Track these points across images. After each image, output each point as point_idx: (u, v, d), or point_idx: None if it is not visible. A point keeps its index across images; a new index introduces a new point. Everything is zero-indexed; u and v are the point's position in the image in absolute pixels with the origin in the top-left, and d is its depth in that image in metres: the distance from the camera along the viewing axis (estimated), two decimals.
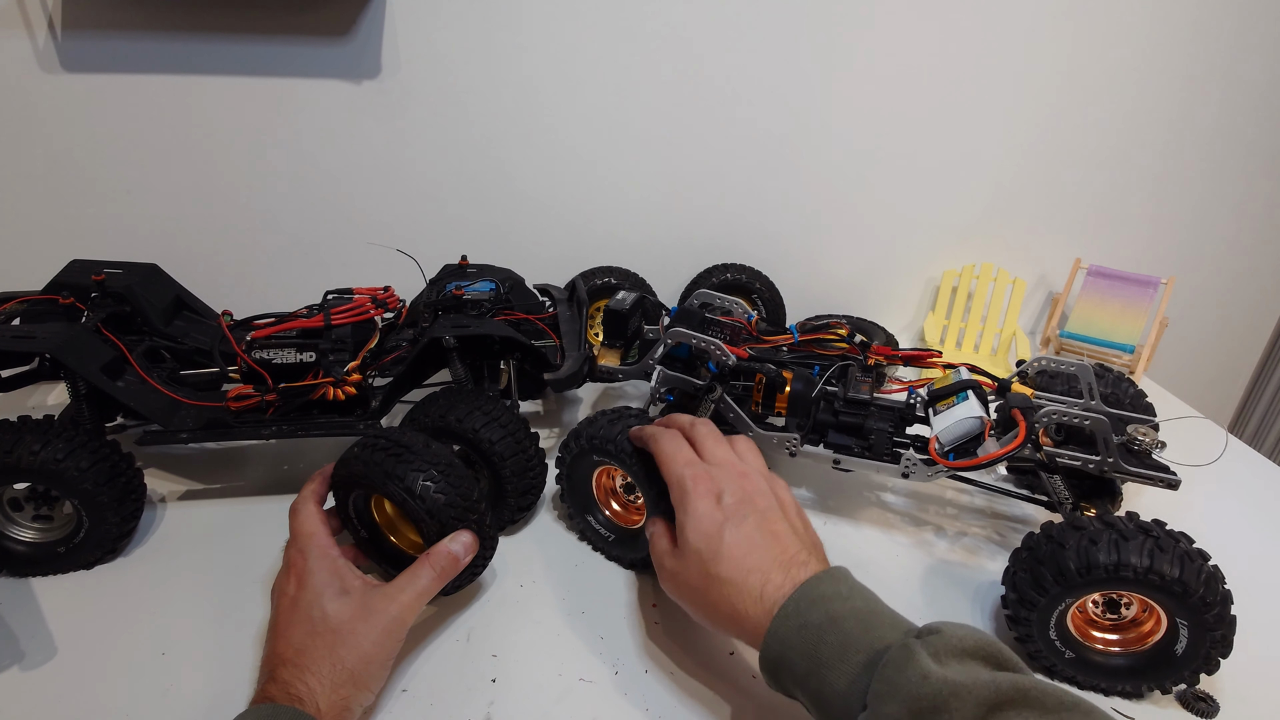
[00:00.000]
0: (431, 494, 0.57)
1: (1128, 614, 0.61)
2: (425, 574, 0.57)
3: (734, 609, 0.51)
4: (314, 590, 0.55)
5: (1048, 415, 0.67)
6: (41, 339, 0.70)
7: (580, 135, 1.07)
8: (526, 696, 0.59)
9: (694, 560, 0.53)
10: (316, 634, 0.53)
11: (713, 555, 0.52)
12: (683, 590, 0.55)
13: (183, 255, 0.97)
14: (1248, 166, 1.20)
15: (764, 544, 0.53)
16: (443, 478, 0.58)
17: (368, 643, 0.53)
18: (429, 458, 0.59)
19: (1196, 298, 1.28)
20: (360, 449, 0.60)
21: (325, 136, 1.01)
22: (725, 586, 0.52)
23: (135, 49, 0.93)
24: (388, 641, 0.54)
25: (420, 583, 0.56)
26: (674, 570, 0.55)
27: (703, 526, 0.54)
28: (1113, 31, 1.07)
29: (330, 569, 0.56)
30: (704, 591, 0.53)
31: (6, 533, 0.68)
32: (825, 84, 1.07)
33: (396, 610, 0.55)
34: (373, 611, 0.54)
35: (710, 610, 0.53)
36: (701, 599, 0.53)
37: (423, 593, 0.56)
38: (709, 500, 0.55)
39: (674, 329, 0.78)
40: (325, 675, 0.51)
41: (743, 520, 0.54)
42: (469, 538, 0.59)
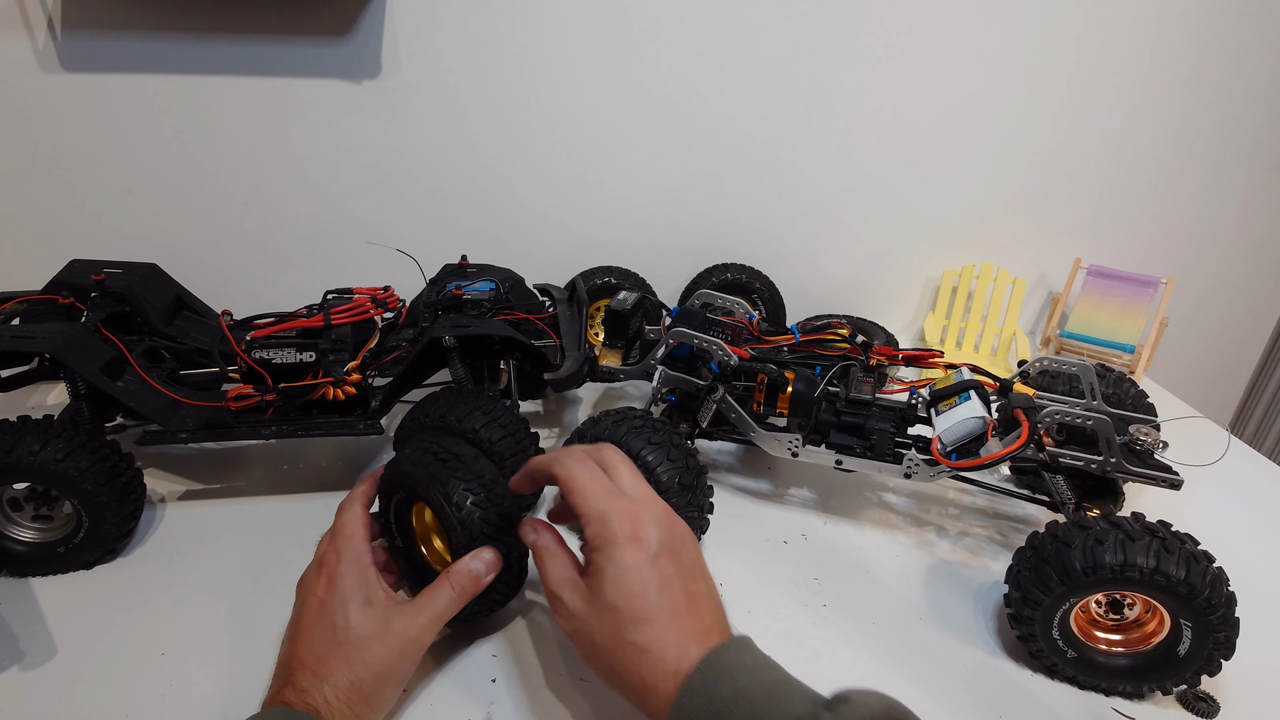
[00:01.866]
0: (468, 504, 0.57)
1: (1131, 614, 0.61)
2: (444, 593, 0.55)
3: (643, 681, 0.45)
4: (341, 596, 0.53)
5: (1050, 415, 0.67)
6: (41, 339, 0.69)
7: (580, 135, 1.06)
8: (526, 696, 0.59)
9: (609, 617, 0.47)
10: (337, 644, 0.51)
11: (633, 619, 0.46)
12: (585, 643, 0.49)
13: (183, 255, 0.97)
14: (1248, 166, 1.20)
15: (687, 610, 0.48)
16: (484, 490, 0.58)
17: (383, 662, 0.51)
18: (476, 470, 0.58)
19: (1196, 298, 1.28)
20: (413, 451, 0.60)
21: (325, 136, 1.01)
22: (640, 656, 0.46)
23: (135, 49, 0.93)
24: (402, 663, 0.53)
25: (439, 603, 0.54)
26: (581, 617, 0.49)
27: (628, 583, 0.47)
28: (1113, 32, 1.07)
29: (360, 576, 0.55)
30: (612, 654, 0.47)
31: (6, 533, 0.67)
32: (825, 84, 1.07)
33: (415, 631, 0.53)
34: (391, 630, 0.52)
35: (613, 675, 0.47)
36: (606, 661, 0.47)
37: (441, 614, 0.54)
38: (637, 549, 0.48)
39: (676, 329, 0.78)
40: (341, 689, 0.50)
41: (670, 581, 0.48)
42: (491, 555, 0.56)
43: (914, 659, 0.64)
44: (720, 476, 0.86)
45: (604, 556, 0.48)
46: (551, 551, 0.53)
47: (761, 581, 0.71)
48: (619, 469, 0.54)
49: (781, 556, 0.75)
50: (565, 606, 0.50)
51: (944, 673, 0.63)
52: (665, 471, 0.66)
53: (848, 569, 0.73)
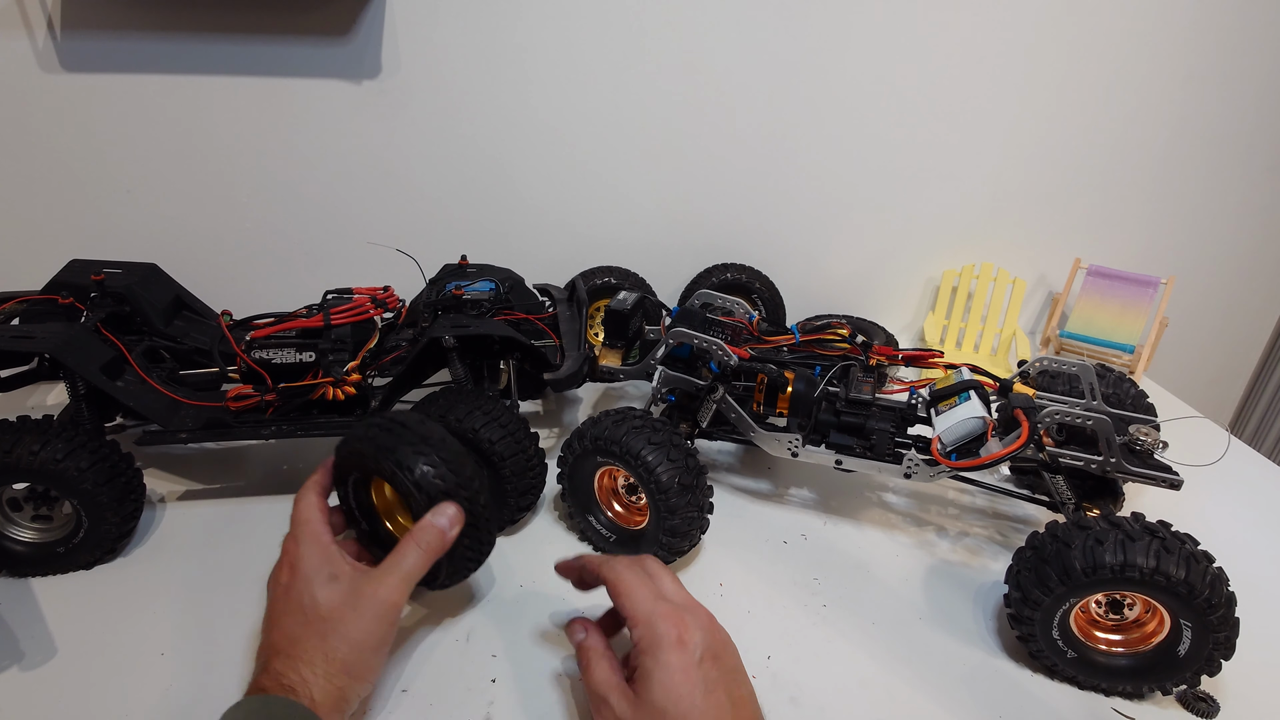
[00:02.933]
0: (420, 466, 0.56)
1: (1131, 615, 0.61)
2: (410, 552, 0.54)
3: None
4: (304, 577, 0.53)
5: (1050, 415, 0.67)
6: (41, 339, 0.69)
7: (580, 135, 1.07)
8: (526, 696, 0.59)
9: (658, 712, 0.47)
10: (308, 623, 0.51)
11: (680, 710, 0.47)
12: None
13: (183, 255, 0.97)
14: (1247, 167, 1.20)
15: (731, 715, 0.48)
16: (433, 451, 0.57)
17: (358, 631, 0.51)
18: (422, 433, 0.58)
19: (1196, 298, 1.28)
20: (358, 428, 0.60)
21: (325, 136, 1.01)
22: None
23: (135, 49, 0.93)
24: (378, 628, 0.52)
25: (406, 562, 0.54)
26: (628, 716, 0.49)
27: (675, 685, 0.48)
28: (1113, 32, 1.07)
29: (321, 555, 0.55)
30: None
31: (6, 533, 0.67)
32: (826, 84, 1.07)
33: (385, 594, 0.53)
34: (360, 597, 0.52)
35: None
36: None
37: (409, 573, 0.54)
38: (683, 653, 0.49)
39: (676, 329, 0.78)
40: (319, 665, 0.50)
41: (715, 686, 0.49)
42: (453, 509, 0.56)
43: (914, 659, 0.64)
44: (720, 476, 0.86)
45: (651, 659, 0.49)
46: (599, 653, 0.53)
47: (761, 581, 0.71)
48: (662, 577, 0.56)
49: (781, 556, 0.75)
50: (612, 710, 0.49)
51: (944, 673, 0.63)
52: (665, 471, 0.66)
53: (848, 569, 0.73)
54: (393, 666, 0.60)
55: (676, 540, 0.68)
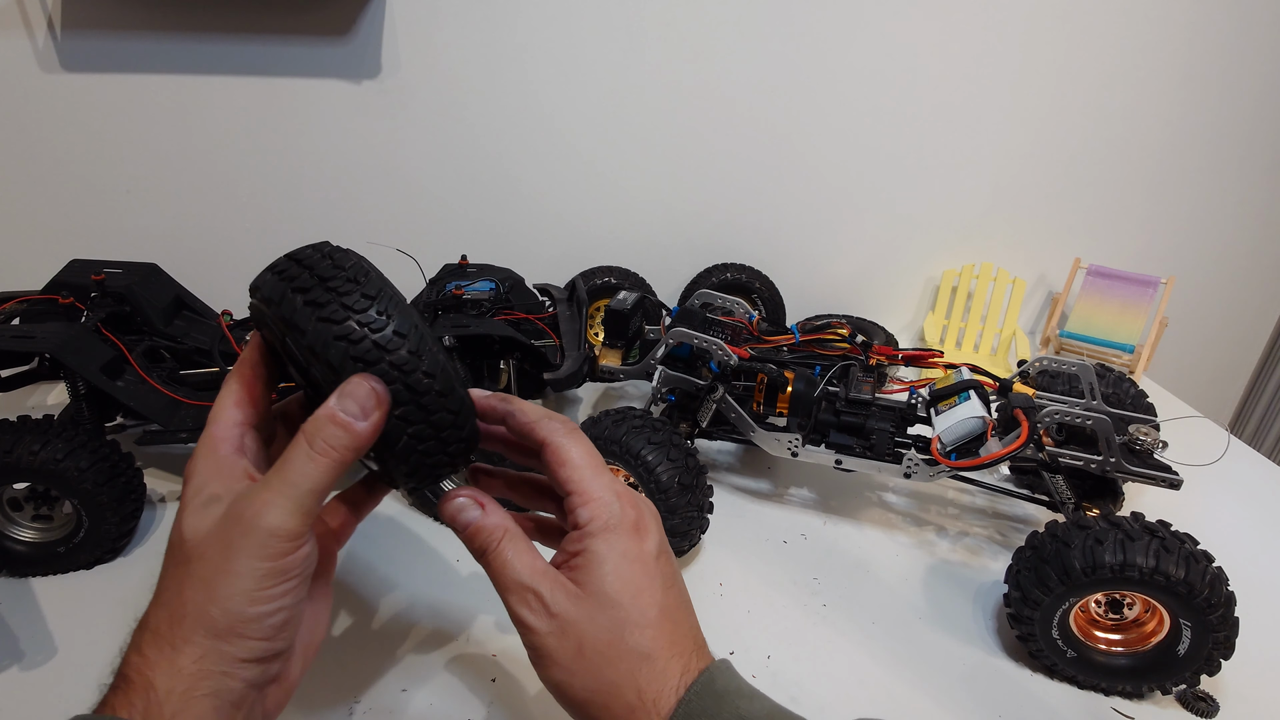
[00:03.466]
0: (315, 320, 0.35)
1: (1130, 614, 0.61)
2: (298, 456, 0.35)
3: (639, 694, 0.37)
4: (183, 501, 0.37)
5: (1050, 415, 0.67)
6: (41, 339, 0.69)
7: (580, 135, 1.07)
8: (526, 696, 0.59)
9: (607, 616, 0.38)
10: (172, 567, 0.36)
11: (639, 620, 0.38)
12: (568, 650, 0.38)
13: (183, 255, 0.97)
14: (1247, 166, 1.20)
15: (685, 620, 0.40)
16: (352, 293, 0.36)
17: (228, 573, 0.34)
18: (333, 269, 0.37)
19: (1196, 298, 1.28)
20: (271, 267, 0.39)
21: (325, 136, 1.01)
22: (642, 665, 0.37)
23: (135, 49, 0.93)
24: (256, 568, 0.34)
25: (293, 470, 0.35)
26: (567, 617, 0.38)
27: (633, 575, 0.38)
28: (1112, 32, 1.07)
29: (210, 470, 0.37)
30: (607, 662, 0.37)
31: (6, 533, 0.67)
32: (826, 84, 1.07)
33: (264, 517, 0.34)
34: (231, 523, 0.35)
35: (598, 690, 0.37)
36: (594, 672, 0.37)
37: (299, 486, 0.35)
38: (641, 541, 0.40)
39: (676, 329, 0.78)
40: (178, 637, 0.34)
41: (672, 583, 0.40)
42: (365, 388, 0.35)
43: (914, 659, 0.64)
44: (720, 476, 0.86)
45: (604, 543, 0.39)
46: (515, 536, 0.40)
47: (761, 581, 0.71)
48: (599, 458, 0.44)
49: (781, 556, 0.75)
50: (543, 603, 0.38)
51: (944, 673, 0.63)
52: (665, 471, 0.66)
53: (848, 569, 0.74)
54: (393, 666, 0.60)
55: (676, 540, 0.68)
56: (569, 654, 0.38)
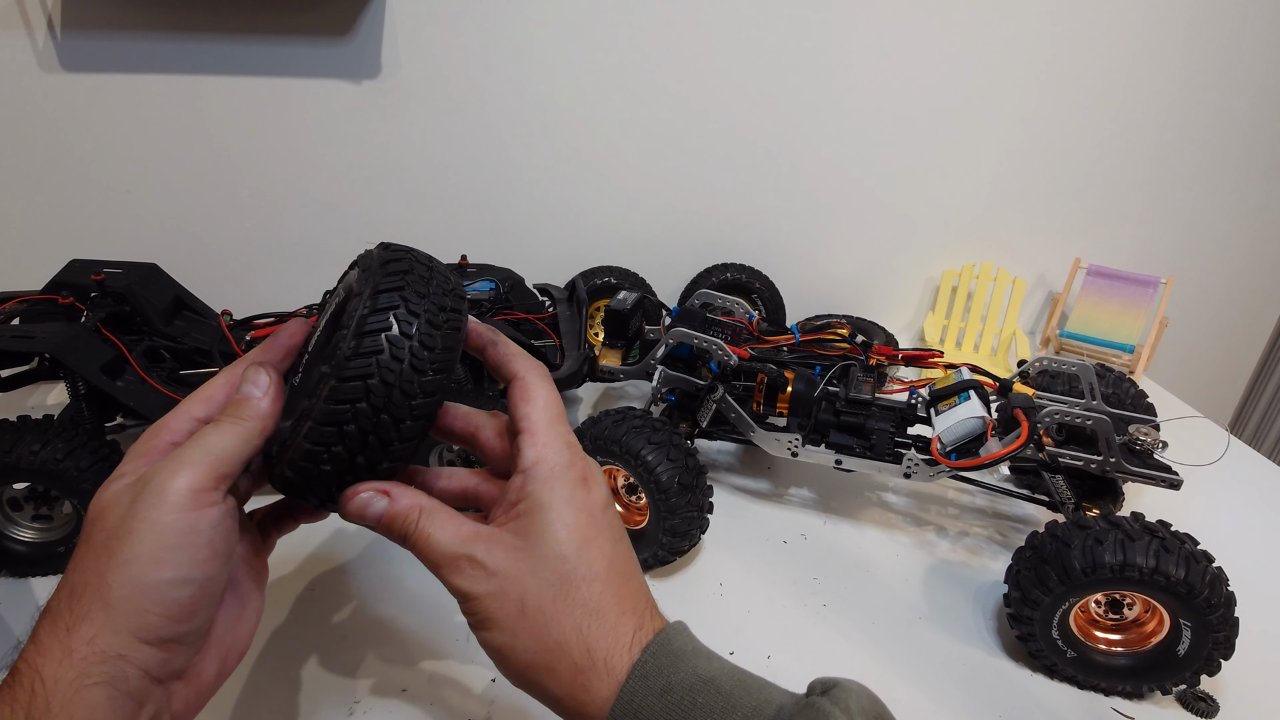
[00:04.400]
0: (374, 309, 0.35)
1: (1130, 614, 0.61)
2: (207, 427, 0.36)
3: (589, 655, 0.35)
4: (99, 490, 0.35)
5: (1050, 415, 0.67)
6: (41, 339, 0.69)
7: (580, 135, 1.07)
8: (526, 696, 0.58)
9: (553, 570, 0.35)
10: (75, 552, 0.34)
11: (587, 573, 0.36)
12: (510, 609, 0.35)
13: (183, 255, 0.97)
14: (1247, 166, 1.20)
15: (636, 573, 0.38)
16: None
17: (128, 533, 0.32)
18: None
19: (1196, 298, 1.28)
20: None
21: (325, 136, 1.01)
22: (592, 621, 0.35)
23: (135, 49, 0.93)
24: (156, 523, 0.32)
25: (201, 436, 0.35)
26: (508, 574, 0.35)
27: (580, 525, 0.37)
28: (1111, 31, 1.07)
29: (139, 450, 0.36)
30: (552, 619, 0.35)
31: (6, 533, 0.67)
32: (826, 84, 1.07)
33: (168, 475, 0.33)
34: (139, 485, 0.33)
35: (544, 651, 0.35)
36: (539, 631, 0.35)
37: (205, 447, 0.34)
38: (588, 492, 0.38)
39: (676, 329, 0.78)
40: (74, 615, 0.31)
41: (620, 539, 0.38)
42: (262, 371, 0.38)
43: (914, 659, 0.64)
44: (720, 476, 0.86)
45: (550, 489, 0.37)
46: (432, 510, 0.37)
47: (761, 581, 0.71)
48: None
49: (781, 556, 0.75)
50: (480, 565, 0.35)
51: (944, 673, 0.63)
52: (665, 471, 0.66)
53: (848, 569, 0.74)
54: (393, 666, 0.60)
55: (676, 540, 0.68)
56: (511, 614, 0.35)
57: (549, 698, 0.36)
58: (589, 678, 0.35)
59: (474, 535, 0.37)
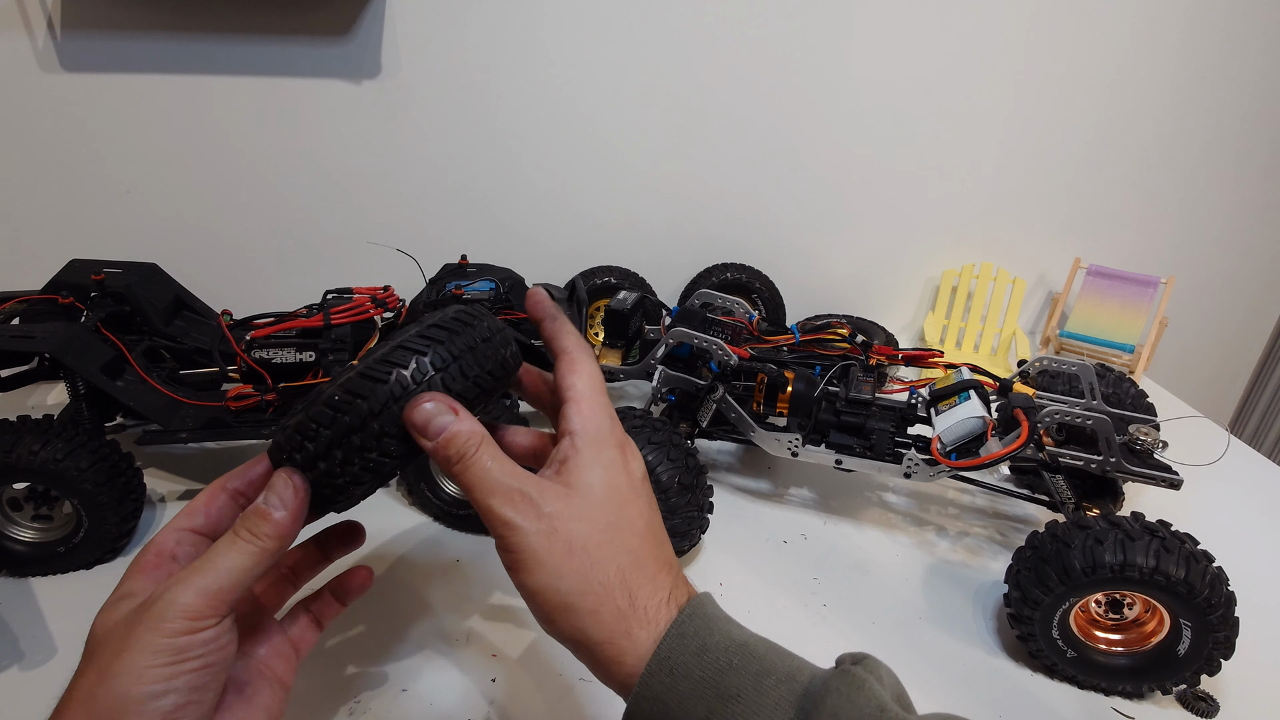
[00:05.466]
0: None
1: (1130, 614, 0.61)
2: (221, 543, 0.36)
3: (631, 602, 0.36)
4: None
5: (1050, 415, 0.67)
6: (41, 339, 0.69)
7: (580, 135, 1.06)
8: (526, 696, 0.59)
9: (600, 513, 0.37)
10: (82, 671, 0.33)
11: (628, 524, 0.38)
12: (559, 546, 0.35)
13: (183, 255, 0.97)
14: (1247, 166, 1.20)
15: (668, 543, 0.40)
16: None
17: (123, 650, 0.32)
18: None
19: (1196, 298, 1.28)
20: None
21: (325, 136, 1.01)
22: (633, 569, 0.36)
23: (135, 49, 0.93)
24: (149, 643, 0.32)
25: (213, 553, 0.35)
26: (558, 514, 0.36)
27: (619, 483, 0.38)
28: (1111, 32, 1.07)
29: (135, 567, 0.36)
30: (597, 563, 0.36)
31: (6, 533, 0.67)
32: (826, 84, 1.07)
33: (180, 593, 0.33)
34: (142, 607, 0.33)
35: (589, 593, 0.35)
36: (585, 574, 0.35)
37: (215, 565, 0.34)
38: (626, 458, 0.40)
39: (676, 329, 0.78)
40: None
41: (655, 507, 0.41)
42: (285, 480, 0.36)
43: (914, 659, 0.64)
44: (720, 476, 0.86)
45: (594, 453, 0.38)
46: (491, 441, 0.37)
47: (761, 581, 0.71)
48: None
49: (781, 556, 0.75)
50: (531, 502, 0.36)
51: (944, 673, 0.63)
52: (665, 471, 0.66)
53: (848, 569, 0.74)
54: (393, 666, 0.60)
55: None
56: (558, 554, 0.35)
57: (587, 643, 0.35)
58: (630, 624, 0.35)
59: (527, 476, 0.37)
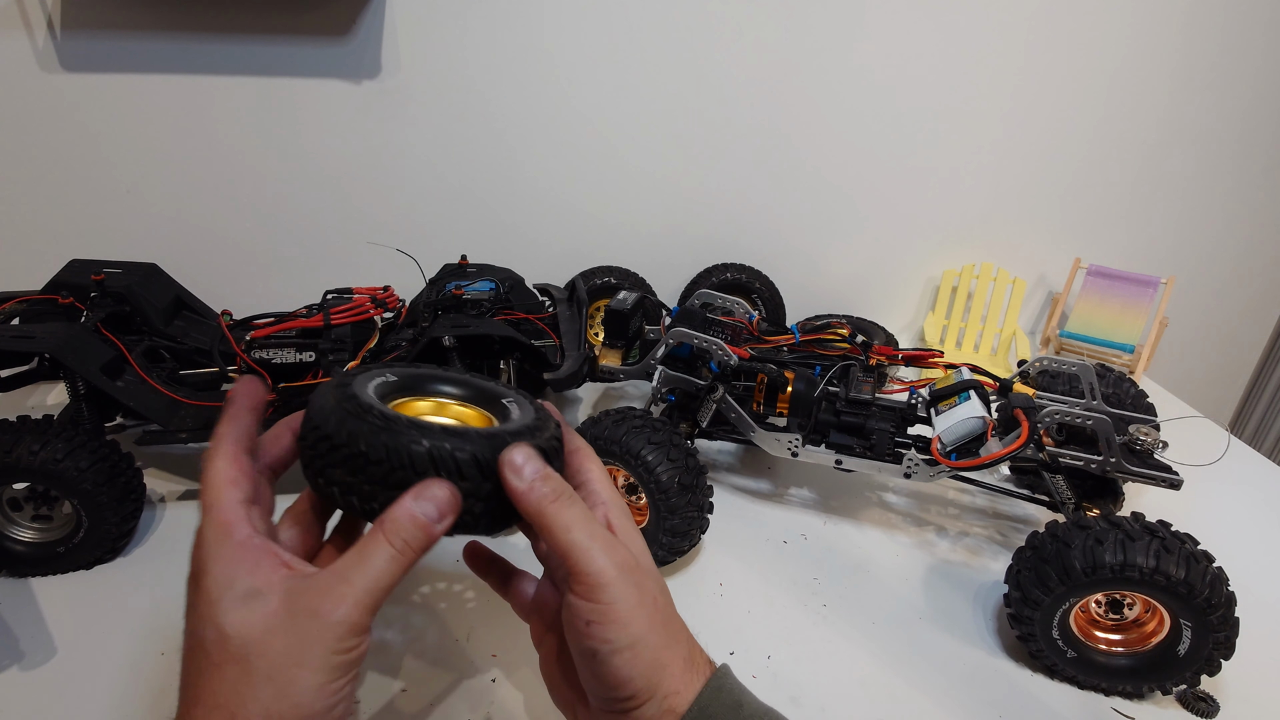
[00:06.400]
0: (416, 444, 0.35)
1: (1130, 614, 0.61)
2: (379, 553, 0.35)
3: (689, 653, 0.38)
4: (208, 596, 0.34)
5: (1050, 415, 0.67)
6: (41, 339, 0.69)
7: (580, 135, 1.06)
8: (526, 696, 0.59)
9: (651, 576, 0.39)
10: (214, 667, 0.33)
11: (666, 603, 0.39)
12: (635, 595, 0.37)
13: (183, 255, 0.97)
14: (1247, 166, 1.20)
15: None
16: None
17: (300, 666, 0.33)
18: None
19: (1196, 298, 1.28)
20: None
21: (325, 136, 1.01)
22: (684, 630, 0.39)
23: (135, 49, 0.93)
24: (329, 661, 0.33)
25: (373, 566, 0.35)
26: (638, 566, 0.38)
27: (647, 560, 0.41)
28: (1112, 32, 1.07)
29: (232, 556, 0.34)
30: (668, 618, 0.39)
31: (6, 533, 0.67)
32: (826, 84, 1.07)
33: (340, 610, 0.33)
34: (299, 614, 0.33)
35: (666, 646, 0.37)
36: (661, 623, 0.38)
37: (378, 579, 0.35)
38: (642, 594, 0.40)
39: (676, 329, 0.78)
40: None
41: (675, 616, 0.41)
42: (445, 492, 0.36)
43: (914, 659, 0.64)
44: (720, 476, 0.86)
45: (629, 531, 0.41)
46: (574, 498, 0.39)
47: (761, 581, 0.71)
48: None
49: (781, 556, 0.75)
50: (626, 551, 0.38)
51: (944, 673, 0.63)
52: (665, 471, 0.66)
53: (848, 569, 0.73)
54: (393, 666, 0.60)
55: (676, 540, 0.68)
56: (648, 608, 0.37)
57: (656, 695, 0.37)
58: (691, 674, 0.38)
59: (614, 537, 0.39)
